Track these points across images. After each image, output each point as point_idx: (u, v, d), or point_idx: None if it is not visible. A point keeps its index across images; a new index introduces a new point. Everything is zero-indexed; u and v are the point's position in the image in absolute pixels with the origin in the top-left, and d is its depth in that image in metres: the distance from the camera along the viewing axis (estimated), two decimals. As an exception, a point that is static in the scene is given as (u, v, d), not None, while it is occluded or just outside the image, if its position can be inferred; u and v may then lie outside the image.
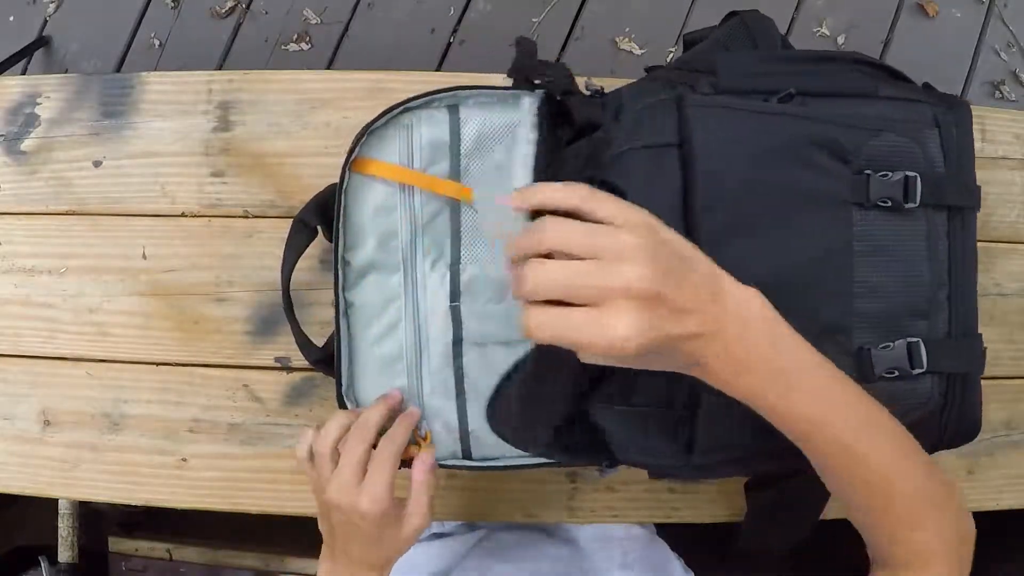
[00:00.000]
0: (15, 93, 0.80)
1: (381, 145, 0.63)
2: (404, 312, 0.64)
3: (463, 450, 0.64)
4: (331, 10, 1.57)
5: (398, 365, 0.64)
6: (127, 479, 0.76)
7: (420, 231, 0.64)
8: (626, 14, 1.55)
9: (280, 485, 0.76)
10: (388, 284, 0.64)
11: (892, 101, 0.56)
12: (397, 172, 0.63)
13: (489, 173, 0.64)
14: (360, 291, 0.64)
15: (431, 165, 0.63)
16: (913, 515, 0.48)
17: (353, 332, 0.64)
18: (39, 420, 0.77)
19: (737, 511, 0.76)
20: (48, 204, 0.79)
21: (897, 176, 0.53)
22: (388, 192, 0.63)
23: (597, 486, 0.76)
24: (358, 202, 0.63)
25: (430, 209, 0.64)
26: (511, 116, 0.63)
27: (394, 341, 0.64)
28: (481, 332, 0.63)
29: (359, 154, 0.62)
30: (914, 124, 0.55)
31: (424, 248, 0.64)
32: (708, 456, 0.55)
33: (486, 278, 0.64)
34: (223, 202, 0.78)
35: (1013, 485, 0.78)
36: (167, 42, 1.58)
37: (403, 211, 0.64)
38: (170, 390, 0.77)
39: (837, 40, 1.55)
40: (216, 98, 0.79)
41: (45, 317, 0.78)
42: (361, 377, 0.64)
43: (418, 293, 0.64)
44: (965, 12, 1.56)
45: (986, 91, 1.54)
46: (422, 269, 0.64)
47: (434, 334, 0.64)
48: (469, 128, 0.63)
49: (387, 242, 0.64)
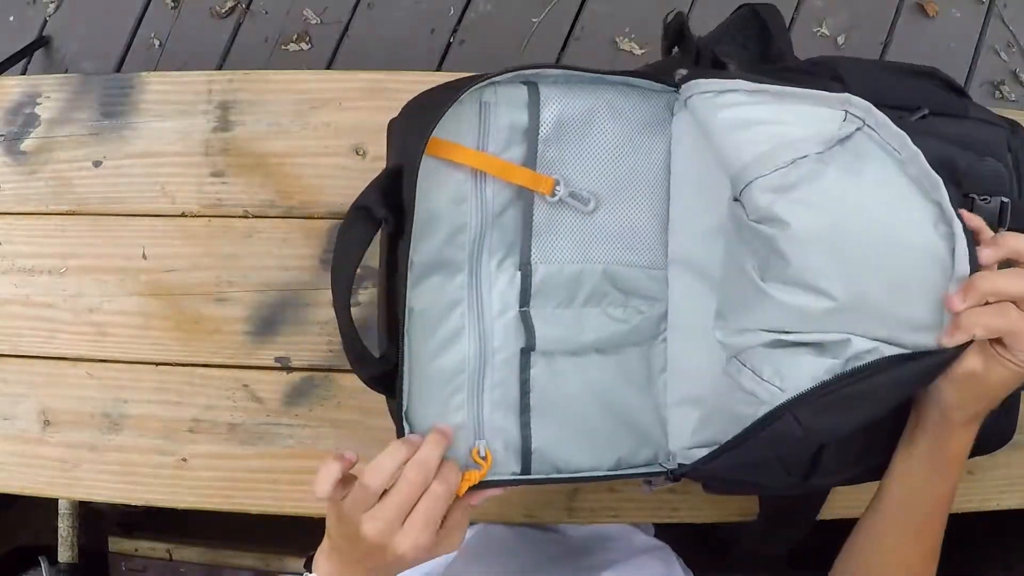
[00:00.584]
0: (15, 93, 0.80)
1: (456, 124, 0.55)
2: (468, 318, 0.57)
3: (522, 468, 0.58)
4: (331, 10, 1.57)
5: (458, 379, 0.57)
6: (127, 479, 0.76)
7: (491, 225, 0.57)
8: (626, 14, 1.55)
9: (280, 485, 0.76)
10: (451, 286, 0.57)
11: (979, 122, 0.54)
12: (474, 157, 0.56)
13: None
14: (421, 294, 0.56)
15: (505, 150, 0.57)
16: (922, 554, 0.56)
17: (412, 342, 0.55)
18: (39, 420, 0.77)
19: (736, 511, 0.76)
20: (48, 204, 0.79)
21: (995, 201, 0.52)
22: (461, 179, 0.56)
23: (597, 486, 0.76)
24: (430, 189, 0.55)
25: (501, 200, 0.57)
26: (594, 101, 0.58)
27: (456, 352, 0.57)
28: (551, 339, 0.58)
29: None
30: (996, 146, 0.54)
31: (492, 245, 0.58)
32: (823, 479, 0.56)
33: (558, 278, 0.59)
34: (223, 202, 0.78)
35: (1013, 485, 0.78)
36: (167, 42, 1.58)
37: (474, 201, 0.57)
38: (170, 390, 0.77)
39: (837, 40, 1.55)
40: (216, 98, 0.79)
41: (45, 317, 0.78)
42: (418, 395, 0.56)
43: (483, 296, 0.58)
44: (965, 12, 1.55)
45: (986, 91, 1.54)
46: (487, 269, 0.58)
47: (499, 343, 0.58)
48: (549, 111, 0.57)
49: (454, 237, 0.57)
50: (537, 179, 0.57)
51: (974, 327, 0.44)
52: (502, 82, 0.55)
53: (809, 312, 0.48)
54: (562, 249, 0.59)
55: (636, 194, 0.60)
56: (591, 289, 0.60)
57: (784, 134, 0.49)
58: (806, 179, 0.48)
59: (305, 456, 0.76)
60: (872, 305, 0.46)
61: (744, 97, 0.51)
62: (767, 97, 0.50)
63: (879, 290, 0.46)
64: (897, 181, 0.47)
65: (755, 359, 0.51)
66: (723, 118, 0.52)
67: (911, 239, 0.46)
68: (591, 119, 0.58)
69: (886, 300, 0.46)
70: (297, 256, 0.77)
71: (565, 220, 0.59)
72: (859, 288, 0.47)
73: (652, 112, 0.59)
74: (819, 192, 0.48)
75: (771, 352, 0.50)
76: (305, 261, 0.77)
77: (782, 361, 0.49)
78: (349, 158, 0.78)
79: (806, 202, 0.48)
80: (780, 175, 0.48)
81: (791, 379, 0.48)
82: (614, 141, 0.59)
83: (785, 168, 0.48)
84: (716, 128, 0.53)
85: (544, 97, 0.57)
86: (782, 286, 0.49)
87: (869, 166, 0.48)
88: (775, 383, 0.49)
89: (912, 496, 0.54)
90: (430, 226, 0.56)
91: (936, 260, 0.45)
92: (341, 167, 0.78)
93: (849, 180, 0.47)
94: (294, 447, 0.76)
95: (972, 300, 0.44)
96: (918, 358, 0.46)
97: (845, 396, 0.46)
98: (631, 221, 0.60)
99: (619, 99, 0.58)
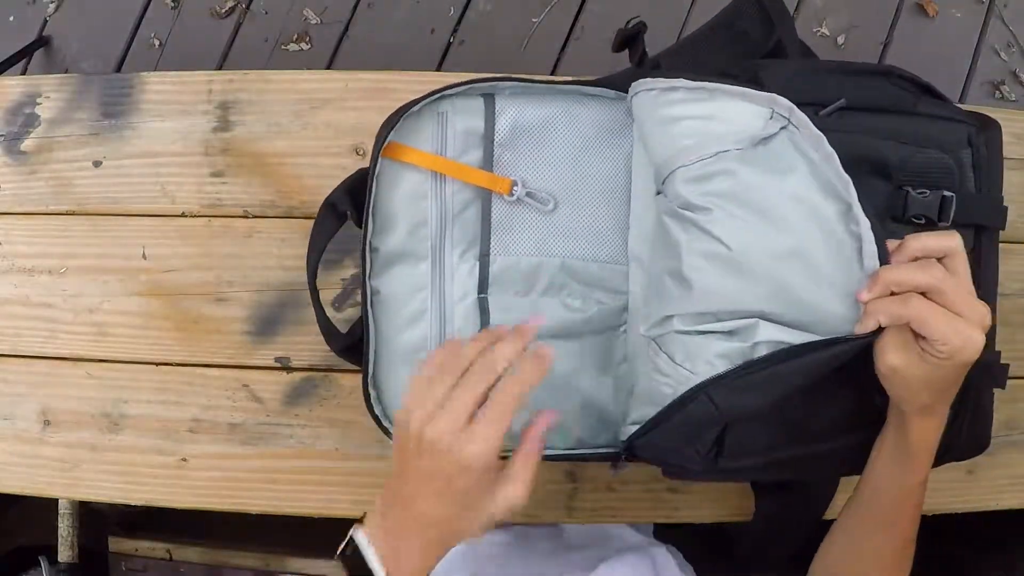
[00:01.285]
0: (15, 93, 0.80)
1: (416, 131, 0.63)
2: (430, 301, 0.64)
3: None
4: (331, 10, 1.57)
5: (420, 354, 0.64)
6: (127, 479, 0.76)
7: (451, 220, 0.64)
8: (626, 14, 1.54)
9: (280, 485, 0.76)
10: (415, 273, 0.64)
11: (931, 118, 0.56)
12: (430, 160, 0.62)
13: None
14: (387, 279, 0.64)
15: (463, 154, 0.63)
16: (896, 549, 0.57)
17: (378, 320, 0.63)
18: (39, 420, 0.77)
19: (736, 511, 0.76)
20: (48, 204, 0.79)
21: (934, 195, 0.54)
22: (420, 179, 0.63)
23: (597, 485, 0.76)
24: (389, 188, 0.62)
25: (461, 198, 0.64)
26: (551, 110, 0.63)
27: (418, 331, 0.64)
28: (505, 324, 0.61)
29: (391, 139, 0.61)
30: (951, 142, 0.55)
31: (453, 238, 0.64)
32: (733, 462, 0.57)
33: (516, 270, 0.64)
34: (223, 202, 0.78)
35: (1013, 485, 0.78)
36: (167, 42, 1.58)
37: (434, 199, 0.63)
38: (170, 390, 0.77)
39: (837, 40, 1.55)
40: (216, 98, 0.79)
41: (45, 317, 0.78)
42: (384, 366, 0.63)
43: (445, 283, 0.64)
44: (965, 12, 1.55)
45: (986, 91, 1.54)
46: (450, 259, 0.64)
47: (459, 324, 0.64)
48: (504, 119, 0.63)
49: (416, 230, 0.63)
50: (494, 180, 0.63)
51: (880, 314, 0.47)
52: (458, 95, 0.62)
53: (729, 295, 0.51)
54: (521, 243, 0.65)
55: (595, 194, 0.65)
56: (549, 280, 0.65)
57: (711, 129, 0.53)
58: (726, 172, 0.51)
59: (305, 456, 0.76)
60: (791, 295, 0.49)
61: (684, 95, 0.54)
62: (703, 94, 0.53)
63: (797, 282, 0.49)
64: (810, 182, 0.50)
65: (670, 344, 0.54)
66: (660, 115, 0.55)
67: (822, 236, 0.49)
68: (548, 126, 0.64)
69: (803, 292, 0.49)
70: (297, 256, 0.77)
71: (524, 217, 0.65)
72: (778, 277, 0.49)
73: (612, 118, 0.64)
74: (739, 185, 0.51)
75: (682, 337, 0.53)
76: (301, 260, 0.77)
77: (692, 345, 0.52)
78: (349, 158, 0.78)
79: (726, 194, 0.51)
80: (701, 166, 0.52)
81: (701, 362, 0.51)
82: (571, 146, 0.64)
83: (708, 159, 0.52)
84: (651, 124, 0.56)
85: (499, 107, 0.64)
86: (704, 265, 0.52)
87: (786, 164, 0.51)
88: (686, 366, 0.52)
89: (879, 488, 0.55)
90: (392, 220, 0.63)
91: (846, 256, 0.49)
92: (341, 167, 0.78)
93: (767, 177, 0.51)
94: (294, 447, 0.76)
95: (877, 291, 0.47)
96: (826, 346, 0.49)
97: (758, 378, 0.49)
98: (590, 219, 0.65)
99: (576, 107, 0.64)
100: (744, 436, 0.56)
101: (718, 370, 0.51)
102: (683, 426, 0.53)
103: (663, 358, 0.54)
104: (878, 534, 0.56)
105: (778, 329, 0.50)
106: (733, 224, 0.51)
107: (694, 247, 0.52)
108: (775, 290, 0.50)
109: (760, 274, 0.50)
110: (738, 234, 0.50)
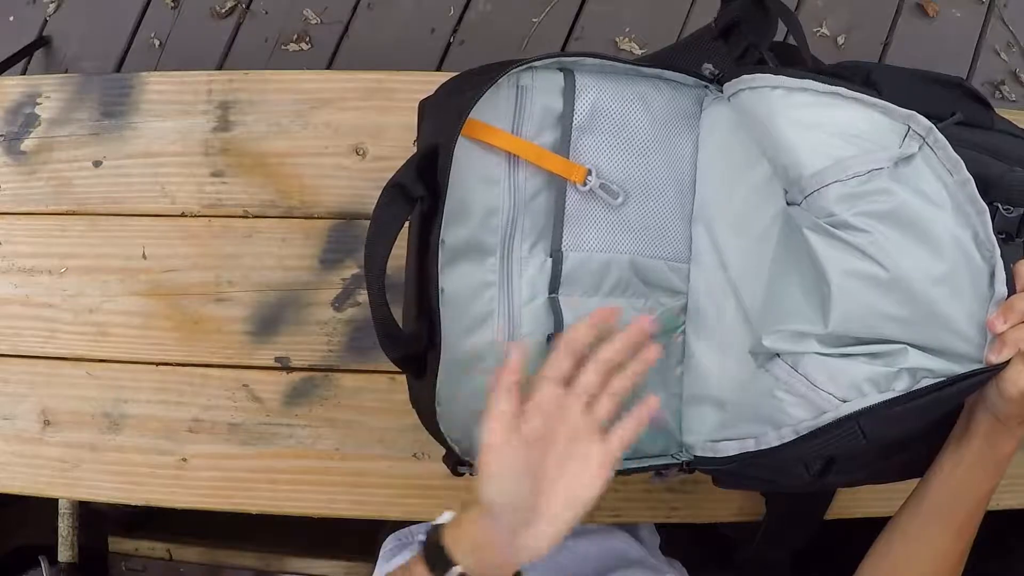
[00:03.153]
0: (15, 93, 0.80)
1: (492, 106, 0.55)
2: (498, 302, 0.57)
3: None
4: (331, 10, 1.57)
5: (484, 363, 0.56)
6: (127, 479, 0.76)
7: (523, 209, 0.57)
8: (626, 14, 1.55)
9: (279, 485, 0.76)
10: (482, 269, 0.57)
11: (1005, 135, 0.55)
12: (509, 141, 0.56)
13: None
14: (451, 276, 0.56)
15: (538, 135, 0.57)
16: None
17: (442, 323, 0.53)
18: (39, 420, 0.77)
19: (736, 511, 0.76)
20: (48, 204, 0.79)
21: (1018, 212, 0.53)
22: (495, 162, 0.56)
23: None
24: (464, 171, 0.55)
25: (533, 185, 0.57)
26: (628, 93, 0.58)
27: (483, 335, 0.57)
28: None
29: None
30: (1020, 159, 0.54)
31: (524, 230, 0.58)
32: (839, 477, 0.57)
33: (586, 267, 0.59)
34: (223, 202, 0.78)
35: (1013, 485, 0.78)
36: (167, 42, 1.58)
37: (507, 185, 0.57)
38: (170, 390, 0.77)
39: (837, 40, 1.54)
40: (216, 98, 0.79)
41: (45, 317, 0.78)
42: (445, 375, 0.54)
43: (513, 281, 0.58)
44: (965, 12, 1.55)
45: (986, 91, 1.54)
46: (519, 253, 0.58)
47: (527, 328, 0.58)
48: (584, 100, 0.57)
49: (487, 220, 0.56)
50: (570, 167, 0.57)
51: (1020, 342, 0.47)
52: (539, 67, 0.56)
53: (877, 318, 0.49)
54: (592, 237, 0.59)
55: (664, 187, 0.61)
56: (617, 279, 0.60)
57: (858, 144, 0.50)
58: (884, 192, 0.49)
59: (305, 456, 0.76)
60: (939, 321, 0.48)
61: (812, 98, 0.51)
62: (837, 100, 0.51)
63: (946, 309, 0.48)
64: (948, 204, 0.49)
65: (808, 365, 0.51)
66: (793, 118, 0.52)
67: (965, 261, 0.48)
68: (625, 111, 0.59)
69: (950, 318, 0.48)
70: (297, 256, 0.77)
71: (595, 209, 0.59)
72: (930, 303, 0.48)
73: (682, 106, 0.61)
74: (898, 206, 0.49)
75: (822, 358, 0.50)
76: (305, 261, 0.77)
77: (834, 367, 0.50)
78: (349, 158, 0.78)
79: (884, 215, 0.49)
80: (858, 183, 0.49)
81: (847, 387, 0.49)
82: (645, 134, 0.60)
83: (863, 177, 0.49)
84: (781, 127, 0.52)
85: (580, 85, 0.57)
86: (854, 285, 0.49)
87: (926, 186, 0.49)
88: (828, 390, 0.50)
89: (958, 495, 0.55)
90: (463, 207, 0.55)
91: (981, 282, 0.48)
92: (341, 167, 0.78)
93: (916, 198, 0.49)
94: (294, 447, 0.76)
95: (1013, 320, 0.47)
96: (974, 376, 0.48)
97: (909, 408, 0.48)
98: (658, 214, 0.61)
99: (651, 92, 0.59)
100: (860, 453, 0.54)
101: (867, 396, 0.49)
102: (818, 450, 0.51)
103: (799, 379, 0.51)
104: (949, 536, 0.56)
105: (924, 356, 0.48)
106: (891, 247, 0.48)
107: (845, 267, 0.50)
108: (923, 315, 0.48)
109: (912, 298, 0.48)
110: (894, 256, 0.48)
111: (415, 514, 0.76)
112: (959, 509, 0.55)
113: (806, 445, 0.50)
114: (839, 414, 0.49)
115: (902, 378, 0.48)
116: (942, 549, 0.56)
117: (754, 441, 0.54)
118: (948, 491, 0.55)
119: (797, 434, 0.51)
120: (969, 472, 0.54)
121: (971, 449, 0.54)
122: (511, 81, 0.55)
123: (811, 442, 0.50)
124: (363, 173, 0.77)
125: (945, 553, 0.56)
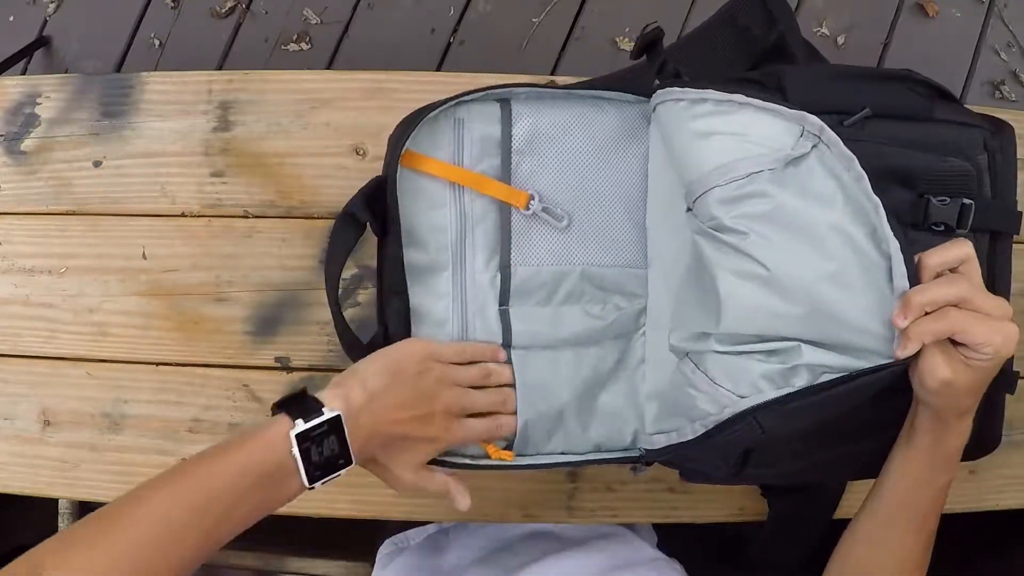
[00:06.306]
0: (15, 93, 0.80)
1: (431, 137, 0.61)
2: (452, 312, 0.62)
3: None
4: (331, 10, 1.57)
5: None
6: (127, 479, 0.76)
7: (472, 228, 0.62)
8: (626, 14, 1.55)
9: (280, 485, 0.76)
10: (436, 282, 0.62)
11: (948, 124, 0.55)
12: (448, 170, 0.61)
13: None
14: (412, 291, 0.62)
15: (480, 161, 0.62)
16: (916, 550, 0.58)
17: (402, 331, 0.61)
18: (39, 420, 0.77)
19: (736, 511, 0.76)
20: (48, 204, 0.79)
21: (954, 203, 0.54)
22: (438, 188, 0.61)
23: (596, 486, 0.76)
24: (407, 197, 0.61)
25: (480, 206, 0.62)
26: (567, 115, 0.62)
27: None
28: (527, 335, 0.63)
29: (406, 148, 0.59)
30: (967, 147, 0.55)
31: (475, 244, 0.62)
32: (757, 470, 0.58)
33: (536, 280, 0.63)
34: (223, 202, 0.78)
35: (1013, 485, 0.78)
36: (167, 42, 1.58)
37: (453, 207, 0.62)
38: (170, 390, 0.77)
39: (837, 40, 1.54)
40: (216, 98, 0.79)
41: (45, 317, 0.78)
42: None
43: (467, 293, 0.62)
44: (965, 12, 1.55)
45: (986, 91, 1.54)
46: (471, 268, 0.62)
47: (480, 337, 0.62)
48: (521, 125, 0.62)
49: (435, 240, 0.62)
50: (512, 193, 0.62)
51: (923, 336, 0.48)
52: (474, 100, 0.61)
53: (766, 316, 0.50)
54: (541, 252, 0.63)
55: (611, 201, 0.64)
56: (570, 289, 0.64)
57: (743, 148, 0.52)
58: (760, 194, 0.51)
59: (305, 456, 0.76)
60: (829, 316, 0.49)
61: (712, 107, 0.53)
62: (732, 107, 0.52)
63: (834, 303, 0.49)
64: (841, 202, 0.50)
65: (707, 362, 0.54)
66: (689, 128, 0.54)
67: (855, 256, 0.49)
68: (565, 133, 0.63)
69: (840, 312, 0.49)
70: (297, 256, 0.77)
71: (540, 228, 0.63)
72: (816, 299, 0.49)
73: (628, 122, 0.63)
74: (774, 207, 0.50)
75: (721, 357, 0.53)
76: (305, 261, 0.77)
77: (732, 365, 0.52)
78: (349, 158, 0.78)
79: (760, 216, 0.50)
80: (736, 187, 0.51)
81: (744, 384, 0.51)
82: (588, 153, 0.63)
83: (742, 180, 0.51)
84: (681, 137, 0.55)
85: (516, 112, 0.62)
86: (741, 285, 0.51)
87: (816, 185, 0.50)
88: (727, 387, 0.52)
89: (914, 492, 0.56)
90: (411, 230, 0.61)
91: (877, 276, 0.49)
92: (341, 167, 0.78)
93: (800, 199, 0.50)
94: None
95: (913, 314, 0.47)
96: (875, 371, 0.48)
97: (806, 403, 0.49)
98: (608, 225, 0.64)
99: (592, 112, 0.63)
100: (770, 447, 0.56)
101: (764, 393, 0.50)
102: (725, 445, 0.53)
103: (700, 376, 0.54)
104: (910, 534, 0.56)
105: (820, 352, 0.49)
106: (769, 247, 0.50)
107: (729, 267, 0.52)
108: (813, 311, 0.49)
109: (799, 295, 0.49)
110: (775, 256, 0.50)
111: (416, 515, 0.76)
112: (918, 506, 0.56)
113: (714, 439, 0.53)
114: (736, 410, 0.51)
115: (800, 374, 0.50)
116: (907, 545, 0.57)
117: (676, 434, 0.57)
118: (903, 490, 0.56)
119: (704, 428, 0.53)
120: (920, 469, 0.55)
121: (918, 446, 0.54)
122: (448, 115, 0.61)
123: (716, 436, 0.52)
124: (363, 173, 0.77)
125: (910, 549, 0.57)
